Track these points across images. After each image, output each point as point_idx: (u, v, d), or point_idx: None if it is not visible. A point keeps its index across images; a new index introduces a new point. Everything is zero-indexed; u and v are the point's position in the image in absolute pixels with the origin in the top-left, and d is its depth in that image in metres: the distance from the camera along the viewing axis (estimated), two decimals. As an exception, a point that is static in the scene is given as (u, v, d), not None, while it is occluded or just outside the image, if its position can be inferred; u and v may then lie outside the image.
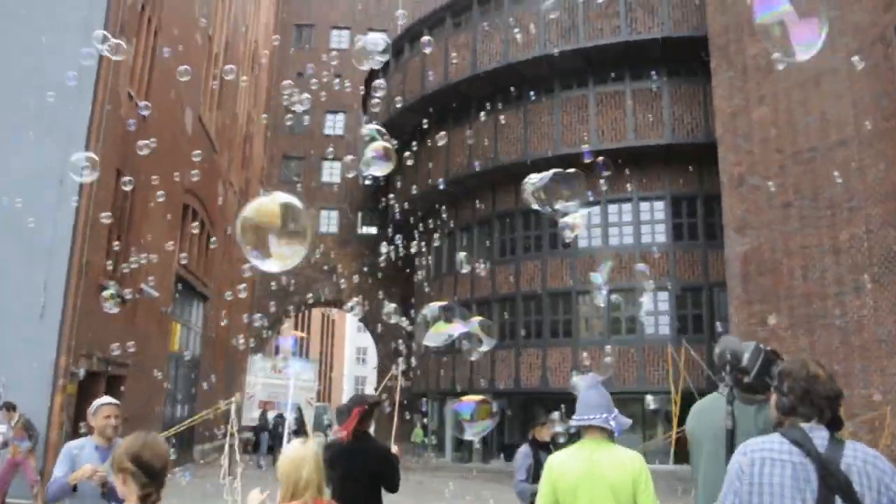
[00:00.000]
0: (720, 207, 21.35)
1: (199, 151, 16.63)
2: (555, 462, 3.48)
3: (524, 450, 5.38)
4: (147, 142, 9.56)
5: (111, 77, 12.73)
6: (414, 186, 26.51)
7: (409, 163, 27.90)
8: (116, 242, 14.16)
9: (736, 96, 15.85)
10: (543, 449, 5.30)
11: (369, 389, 70.81)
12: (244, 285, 18.50)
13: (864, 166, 13.16)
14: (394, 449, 5.15)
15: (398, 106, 27.78)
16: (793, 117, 14.51)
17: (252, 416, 26.63)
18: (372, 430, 4.99)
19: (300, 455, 2.83)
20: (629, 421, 3.49)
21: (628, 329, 21.82)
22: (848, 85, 13.65)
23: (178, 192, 18.93)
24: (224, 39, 23.94)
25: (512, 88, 23.78)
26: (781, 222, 14.42)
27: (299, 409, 24.90)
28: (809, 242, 13.82)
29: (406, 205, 28.95)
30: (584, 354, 21.75)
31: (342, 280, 37.78)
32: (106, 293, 10.03)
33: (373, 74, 31.99)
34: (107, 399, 4.56)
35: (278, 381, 28.29)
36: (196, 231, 21.85)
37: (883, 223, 12.70)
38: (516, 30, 21.96)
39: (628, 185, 22.38)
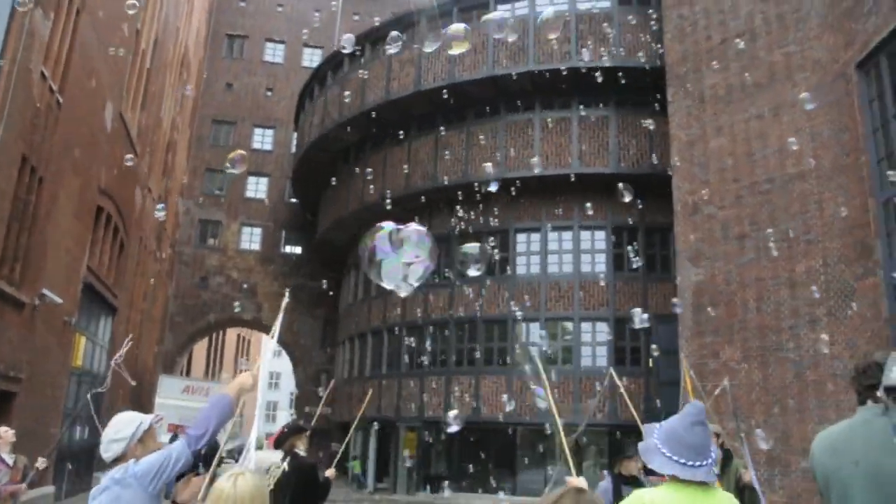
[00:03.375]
0: (662, 239, 21.17)
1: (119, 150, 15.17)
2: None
3: (604, 485, 4.85)
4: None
5: (21, 51, 11.26)
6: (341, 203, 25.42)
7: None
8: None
9: (693, 125, 15.55)
10: (630, 483, 4.82)
11: (282, 415, 68.25)
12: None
13: (823, 200, 12.93)
14: (329, 473, 5.83)
15: (333, 120, 26.75)
16: (750, 148, 14.26)
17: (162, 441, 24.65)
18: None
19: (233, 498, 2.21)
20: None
21: (564, 359, 21.18)
22: (807, 119, 13.48)
23: (91, 192, 17.29)
24: (153, 36, 22.44)
25: (455, 108, 23.20)
26: (736, 253, 14.04)
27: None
28: (765, 275, 13.46)
29: (337, 222, 27.84)
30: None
31: (264, 302, 36.16)
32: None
33: (307, 87, 30.90)
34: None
35: (190, 403, 26.39)
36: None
37: (840, 257, 12.43)
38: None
39: (563, 212, 21.91)
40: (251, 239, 37.18)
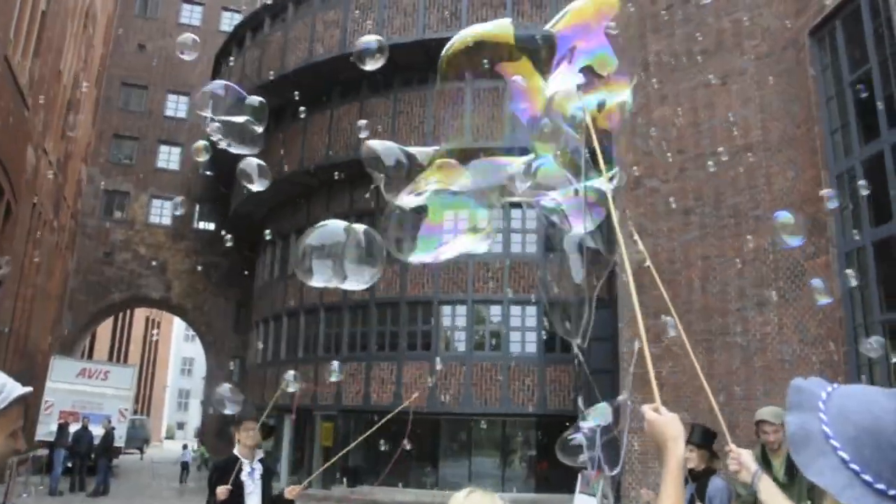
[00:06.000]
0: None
1: None
2: None
3: (720, 484, 4.14)
4: None
5: None
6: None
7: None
8: None
9: (635, 94, 14.59)
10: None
11: (194, 403, 65.44)
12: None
13: (772, 174, 12.16)
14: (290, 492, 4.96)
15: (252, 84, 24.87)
16: (696, 118, 13.40)
17: (50, 429, 22.22)
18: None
19: None
20: None
21: (492, 345, 20.09)
22: (756, 88, 12.69)
23: (-38, 143, 15.12)
24: (47, -24, 20.11)
25: (382, 74, 21.71)
26: (681, 230, 13.17)
27: (108, 422, 21.04)
28: (710, 253, 12.62)
29: (252, 196, 25.98)
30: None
31: (174, 280, 33.91)
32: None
33: (224, 50, 28.86)
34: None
35: (87, 387, 24.15)
36: None
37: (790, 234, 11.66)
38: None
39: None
40: (161, 212, 34.80)
